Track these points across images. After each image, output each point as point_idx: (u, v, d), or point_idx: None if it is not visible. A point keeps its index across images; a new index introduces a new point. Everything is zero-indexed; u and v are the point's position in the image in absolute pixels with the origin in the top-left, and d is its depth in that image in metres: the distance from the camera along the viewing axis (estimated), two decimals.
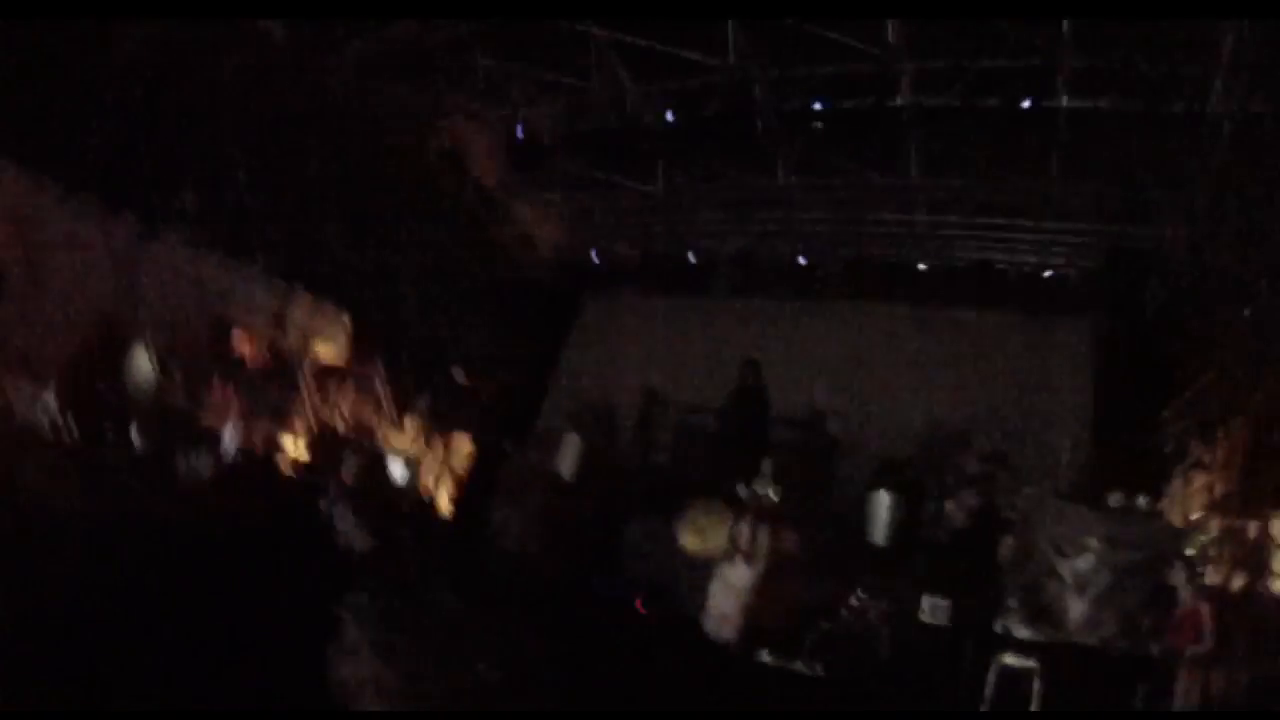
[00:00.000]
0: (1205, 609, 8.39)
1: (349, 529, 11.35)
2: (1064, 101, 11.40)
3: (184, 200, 17.86)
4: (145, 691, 5.17)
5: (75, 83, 13.94)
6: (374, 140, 16.22)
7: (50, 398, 12.56)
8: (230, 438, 14.76)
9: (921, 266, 15.32)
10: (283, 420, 20.52)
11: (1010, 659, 8.50)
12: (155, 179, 15.89)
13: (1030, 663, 8.43)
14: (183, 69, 14.19)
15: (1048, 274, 14.57)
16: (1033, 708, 8.16)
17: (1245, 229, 10.69)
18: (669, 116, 13.63)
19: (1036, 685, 8.28)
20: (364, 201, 17.12)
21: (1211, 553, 10.30)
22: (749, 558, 11.53)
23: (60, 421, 12.37)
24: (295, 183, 16.35)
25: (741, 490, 12.14)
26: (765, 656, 10.56)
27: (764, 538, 11.65)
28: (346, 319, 21.53)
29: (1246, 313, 10.42)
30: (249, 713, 4.24)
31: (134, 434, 12.69)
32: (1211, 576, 10.03)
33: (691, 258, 17.24)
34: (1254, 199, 10.40)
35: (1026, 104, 11.38)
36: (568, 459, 14.42)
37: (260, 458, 14.79)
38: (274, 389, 19.73)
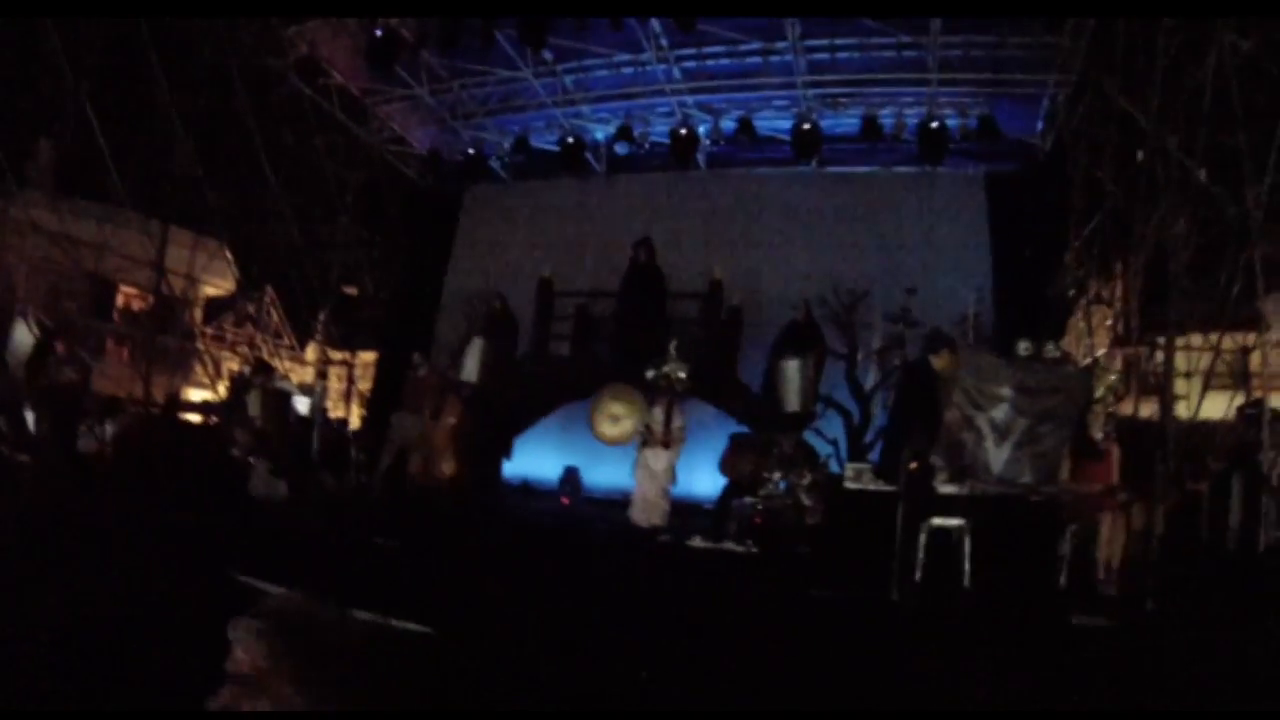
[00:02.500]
0: (1115, 449, 8.57)
1: (264, 481, 11.03)
2: None
3: (38, 154, 16.86)
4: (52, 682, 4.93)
5: None
6: (228, 55, 15.36)
7: None
8: (130, 400, 14.20)
9: (806, 127, 15.04)
10: (182, 370, 19.94)
11: (938, 519, 8.53)
12: (7, 135, 14.96)
13: (957, 521, 8.51)
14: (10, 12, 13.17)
15: (934, 125, 14.44)
16: (966, 565, 8.27)
17: (1128, 68, 10.75)
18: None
19: (966, 542, 8.38)
20: (226, 123, 16.30)
21: (1120, 388, 10.58)
22: (666, 441, 11.47)
23: None
24: (151, 114, 15.45)
25: (650, 373, 11.94)
26: (696, 540, 10.59)
27: (679, 419, 11.60)
28: (228, 251, 20.75)
29: (1139, 155, 10.48)
30: (243, 714, 3.99)
31: (27, 416, 11.99)
32: (1121, 410, 10.32)
33: (570, 140, 16.71)
34: (1135, 40, 10.43)
35: None
36: (472, 363, 14.15)
37: (165, 416, 14.17)
38: (167, 338, 19.09)
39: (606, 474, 13.94)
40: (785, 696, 4.31)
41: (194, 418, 16.08)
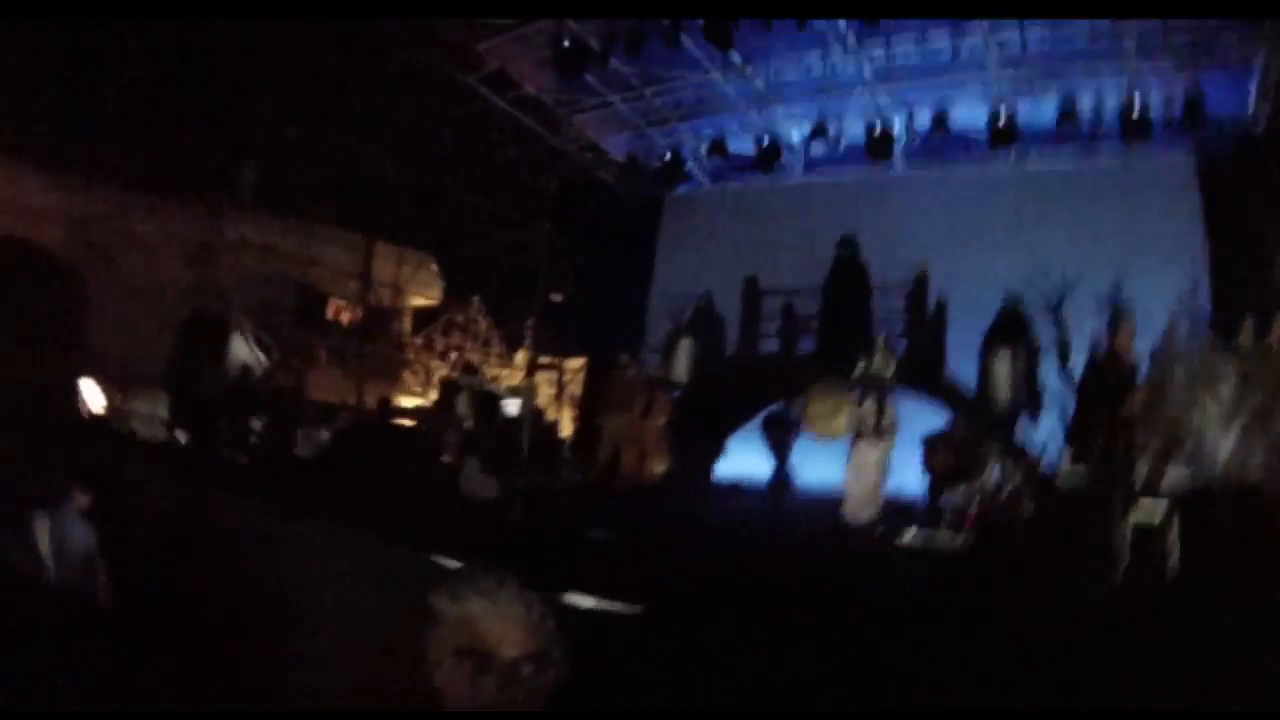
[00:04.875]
0: None
1: (474, 480, 11.54)
2: None
3: (245, 174, 18.04)
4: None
5: (111, 74, 14.09)
6: (424, 74, 16.16)
7: (160, 409, 12.82)
8: (344, 407, 15.04)
9: (1001, 118, 14.84)
10: (392, 379, 21.00)
11: (1145, 512, 8.30)
12: (213, 159, 16.01)
13: (1160, 514, 8.26)
14: (213, 41, 14.21)
15: (1136, 108, 14.01)
16: (1173, 560, 8.04)
17: None
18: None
19: (1174, 536, 8.13)
20: (427, 139, 17.12)
21: None
22: (878, 435, 11.57)
23: (174, 429, 12.61)
24: (352, 133, 16.37)
25: (859, 367, 12.06)
26: (908, 536, 10.63)
27: (890, 411, 11.69)
28: (434, 263, 21.73)
29: None
30: (254, 713, 4.40)
31: (249, 424, 12.91)
32: None
33: (765, 141, 16.92)
34: None
35: None
36: (681, 363, 14.54)
37: (377, 422, 15.00)
38: (377, 348, 20.15)
39: (818, 472, 14.05)
40: (995, 694, 4.39)
41: (406, 422, 16.90)
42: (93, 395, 14.59)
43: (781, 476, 14.70)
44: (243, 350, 14.55)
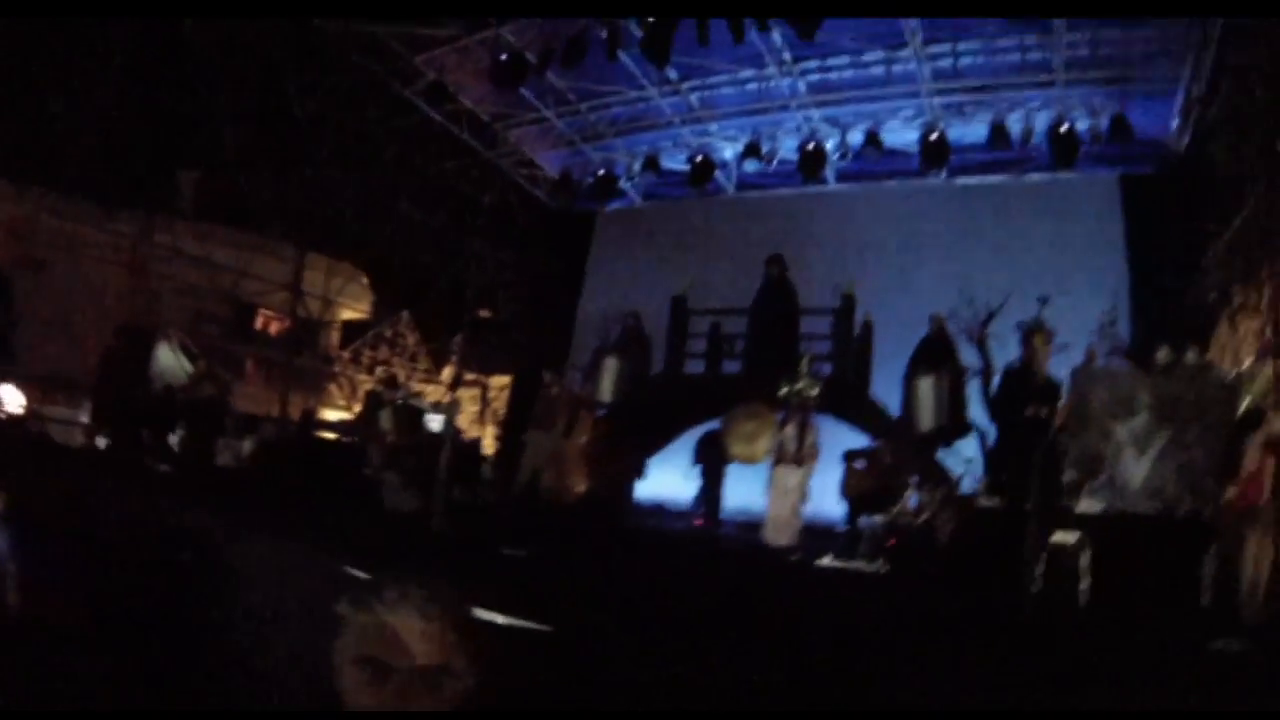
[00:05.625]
0: (1268, 463, 8.11)
1: (395, 493, 11.27)
2: None
3: (182, 183, 17.80)
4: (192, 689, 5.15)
5: (52, 82, 13.82)
6: (359, 86, 15.92)
7: (81, 414, 12.52)
8: (267, 419, 14.77)
9: (933, 137, 14.80)
10: (319, 390, 20.73)
11: (1059, 536, 8.23)
12: (150, 167, 15.78)
13: (1074, 537, 8.19)
14: (151, 50, 13.95)
15: (1064, 128, 14.03)
16: (1082, 585, 7.94)
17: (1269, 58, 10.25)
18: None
19: (1084, 558, 8.03)
20: (361, 151, 16.88)
21: (1268, 399, 10.05)
22: (799, 459, 11.39)
23: (97, 435, 12.33)
24: (287, 143, 16.12)
25: (783, 390, 11.87)
26: (826, 560, 10.45)
27: (811, 436, 11.52)
28: (364, 276, 21.50)
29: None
30: (241, 713, 4.19)
31: (172, 433, 12.63)
32: (1271, 424, 9.77)
33: (699, 159, 16.77)
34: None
35: None
36: (606, 382, 14.32)
37: (300, 433, 14.70)
38: (305, 361, 19.86)
39: (740, 494, 13.84)
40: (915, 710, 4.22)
41: (329, 435, 16.59)
42: (11, 397, 14.23)
43: (711, 497, 14.48)
44: (169, 359, 14.23)
